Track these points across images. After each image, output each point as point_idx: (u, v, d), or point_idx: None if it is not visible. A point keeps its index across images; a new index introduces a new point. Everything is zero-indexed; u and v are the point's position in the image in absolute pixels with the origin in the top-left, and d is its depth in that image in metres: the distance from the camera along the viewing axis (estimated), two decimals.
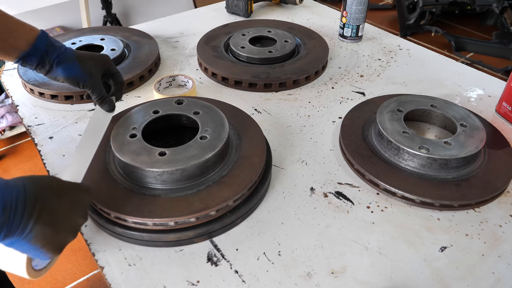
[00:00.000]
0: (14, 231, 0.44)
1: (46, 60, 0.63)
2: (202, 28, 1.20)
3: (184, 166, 0.62)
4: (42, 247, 0.47)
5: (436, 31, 2.79)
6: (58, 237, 0.49)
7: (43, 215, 0.46)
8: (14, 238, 0.44)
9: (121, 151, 0.64)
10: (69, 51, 0.66)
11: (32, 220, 0.45)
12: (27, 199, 0.45)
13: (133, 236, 0.60)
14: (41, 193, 0.47)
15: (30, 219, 0.45)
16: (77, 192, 0.53)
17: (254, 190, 0.65)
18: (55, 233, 0.48)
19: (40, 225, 0.46)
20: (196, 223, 0.60)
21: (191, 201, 0.60)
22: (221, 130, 0.68)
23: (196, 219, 0.60)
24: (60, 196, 0.50)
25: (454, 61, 1.08)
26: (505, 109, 0.86)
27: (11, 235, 0.44)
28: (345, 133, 0.78)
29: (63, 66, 0.63)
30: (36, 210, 0.45)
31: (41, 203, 0.46)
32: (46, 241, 0.47)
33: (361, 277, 0.57)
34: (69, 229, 0.51)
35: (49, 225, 0.47)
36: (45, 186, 0.49)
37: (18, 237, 0.45)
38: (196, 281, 0.57)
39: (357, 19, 1.12)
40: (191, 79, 0.93)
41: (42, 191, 0.47)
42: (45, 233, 0.46)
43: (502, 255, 0.60)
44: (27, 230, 0.45)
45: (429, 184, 0.67)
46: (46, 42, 0.63)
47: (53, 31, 2.41)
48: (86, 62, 0.65)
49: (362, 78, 1.01)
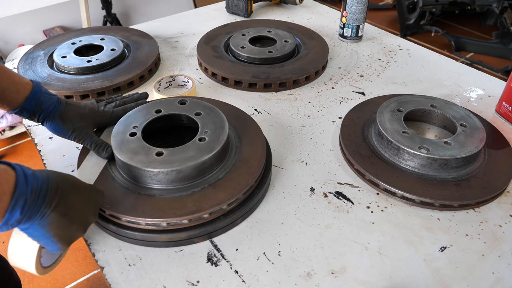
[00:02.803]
0: (34, 214, 0.48)
1: (34, 118, 0.68)
2: (202, 28, 1.20)
3: (180, 167, 0.61)
4: (54, 236, 0.51)
5: (436, 31, 2.79)
6: (70, 229, 0.53)
7: (60, 205, 0.51)
8: (32, 221, 0.49)
9: (119, 149, 0.64)
10: (55, 109, 0.68)
11: (51, 207, 0.50)
12: (49, 188, 0.50)
13: (126, 234, 0.60)
14: (62, 185, 0.52)
15: (49, 206, 0.50)
16: (92, 191, 0.58)
17: (250, 194, 0.65)
18: (68, 224, 0.52)
19: (56, 214, 0.50)
20: (189, 225, 0.60)
21: (185, 203, 0.60)
22: (221, 132, 0.67)
23: (189, 221, 0.59)
24: (78, 191, 0.55)
25: (454, 61, 1.08)
26: (505, 109, 0.86)
27: (32, 218, 0.48)
28: (345, 133, 0.78)
29: (48, 123, 0.68)
30: (56, 199, 0.50)
31: (61, 194, 0.51)
32: (58, 230, 0.51)
33: (361, 277, 0.57)
34: (80, 224, 0.55)
35: (64, 216, 0.51)
36: (67, 180, 0.54)
37: (34, 222, 0.49)
38: (196, 281, 0.57)
39: (357, 19, 1.12)
40: (191, 79, 0.93)
41: (63, 183, 0.52)
42: (59, 222, 0.51)
43: (502, 255, 0.60)
44: (45, 216, 0.49)
45: (429, 184, 0.67)
46: (34, 103, 0.66)
47: (53, 31, 2.41)
48: (69, 120, 0.68)
49: (362, 78, 1.01)
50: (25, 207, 0.47)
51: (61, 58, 0.97)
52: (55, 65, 0.98)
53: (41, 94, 0.67)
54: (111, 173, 0.66)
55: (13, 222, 0.47)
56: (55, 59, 0.97)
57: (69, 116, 0.68)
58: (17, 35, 2.36)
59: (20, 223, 0.48)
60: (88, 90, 0.90)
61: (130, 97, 0.79)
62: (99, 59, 0.97)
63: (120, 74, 0.95)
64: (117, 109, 0.74)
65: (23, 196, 0.47)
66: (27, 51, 1.03)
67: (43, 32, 2.42)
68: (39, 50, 1.03)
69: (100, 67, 0.96)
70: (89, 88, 0.90)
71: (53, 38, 1.09)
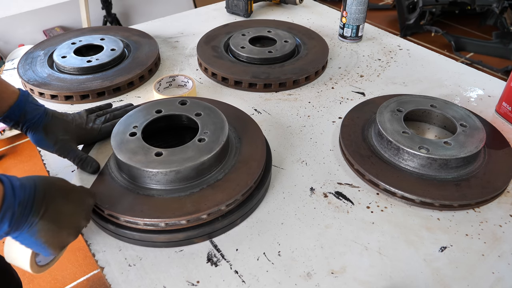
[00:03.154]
0: (21, 225, 0.48)
1: (18, 127, 0.67)
2: (202, 28, 1.20)
3: (179, 168, 0.61)
4: (44, 243, 0.51)
5: (436, 31, 2.79)
6: (60, 235, 0.53)
7: (48, 212, 0.50)
8: (20, 231, 0.49)
9: (119, 149, 0.64)
10: (39, 120, 0.67)
11: (39, 216, 0.49)
12: (36, 196, 0.49)
13: (125, 234, 0.60)
14: (49, 192, 0.51)
15: (36, 215, 0.49)
16: (82, 195, 0.57)
17: (250, 195, 0.65)
18: (58, 230, 0.52)
19: (44, 221, 0.50)
20: (188, 225, 0.60)
21: (183, 203, 0.60)
22: (220, 133, 0.67)
23: (187, 222, 0.59)
24: (67, 196, 0.54)
25: (454, 61, 1.08)
26: (505, 109, 0.86)
27: (20, 228, 0.48)
28: (345, 133, 0.78)
29: (31, 134, 0.67)
30: (43, 207, 0.50)
31: (48, 201, 0.51)
32: (48, 237, 0.51)
33: (361, 277, 0.57)
34: (71, 229, 0.54)
35: (53, 222, 0.51)
36: (54, 186, 0.53)
37: (23, 231, 0.49)
38: (196, 281, 0.57)
39: (357, 19, 1.12)
40: (191, 79, 0.93)
41: (50, 190, 0.52)
42: (48, 229, 0.51)
43: (502, 255, 0.60)
44: (33, 225, 0.49)
45: (429, 184, 0.67)
46: (18, 113, 0.65)
47: (53, 31, 2.41)
48: (52, 132, 0.67)
49: (362, 78, 1.01)
50: (12, 220, 0.47)
51: (61, 58, 0.97)
52: (55, 65, 0.98)
53: (26, 104, 0.66)
54: (111, 172, 0.66)
55: (1, 234, 0.47)
56: (55, 59, 0.97)
57: (52, 128, 0.67)
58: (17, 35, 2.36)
59: (8, 234, 0.48)
60: (88, 90, 0.90)
61: (122, 110, 0.77)
62: (99, 59, 0.97)
63: (120, 74, 0.95)
64: (105, 125, 0.73)
65: (11, 209, 0.47)
66: (27, 51, 1.03)
67: (43, 32, 2.42)
68: (39, 50, 1.03)
69: (100, 67, 0.96)
70: (89, 88, 0.90)
71: (53, 38, 1.09)
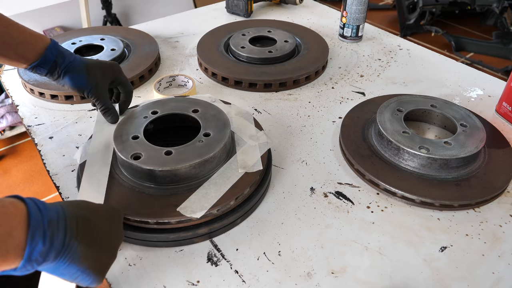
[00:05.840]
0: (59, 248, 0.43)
1: (55, 70, 0.65)
2: (202, 28, 1.20)
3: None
4: (89, 268, 0.46)
5: (436, 31, 2.79)
6: (102, 256, 0.48)
7: (85, 234, 0.46)
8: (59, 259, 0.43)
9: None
10: (78, 61, 0.67)
11: (77, 238, 0.44)
12: (67, 217, 0.44)
13: (125, 234, 0.60)
14: (78, 212, 0.47)
15: (74, 237, 0.44)
16: (110, 212, 0.53)
17: (250, 195, 0.65)
18: (99, 251, 0.47)
19: (84, 244, 0.45)
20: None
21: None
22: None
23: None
24: (97, 215, 0.49)
25: (454, 61, 1.08)
26: (505, 109, 0.86)
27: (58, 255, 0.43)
28: (345, 133, 0.78)
29: (70, 75, 0.65)
30: (78, 228, 0.45)
31: (81, 223, 0.46)
32: (92, 260, 0.46)
33: (361, 277, 0.57)
34: (110, 247, 0.50)
35: (92, 244, 0.46)
36: (81, 206, 0.48)
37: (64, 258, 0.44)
38: (196, 281, 0.57)
39: (357, 19, 1.12)
40: (191, 79, 0.93)
41: (79, 209, 0.47)
42: (90, 252, 0.46)
43: (502, 255, 0.60)
44: (73, 249, 0.44)
45: (429, 184, 0.67)
46: (55, 53, 0.64)
47: (53, 31, 2.41)
48: (93, 72, 0.66)
49: (362, 78, 1.01)
50: (46, 238, 0.42)
51: None
52: None
53: (59, 47, 0.65)
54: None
55: (36, 256, 0.41)
56: None
57: (93, 68, 0.65)
58: None
59: (46, 259, 0.42)
60: None
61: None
62: (99, 59, 0.97)
63: None
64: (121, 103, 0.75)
65: (40, 226, 0.42)
66: None
67: (43, 32, 2.42)
68: None
69: None
70: None
71: (53, 38, 1.09)
